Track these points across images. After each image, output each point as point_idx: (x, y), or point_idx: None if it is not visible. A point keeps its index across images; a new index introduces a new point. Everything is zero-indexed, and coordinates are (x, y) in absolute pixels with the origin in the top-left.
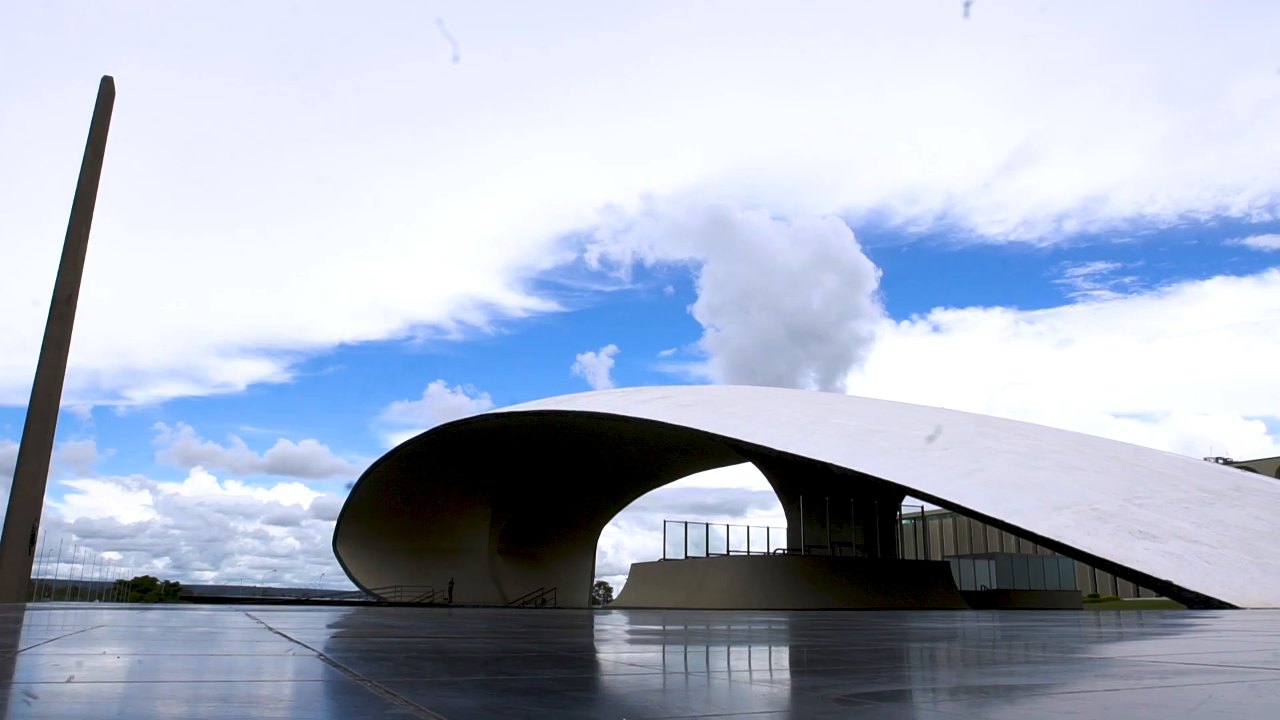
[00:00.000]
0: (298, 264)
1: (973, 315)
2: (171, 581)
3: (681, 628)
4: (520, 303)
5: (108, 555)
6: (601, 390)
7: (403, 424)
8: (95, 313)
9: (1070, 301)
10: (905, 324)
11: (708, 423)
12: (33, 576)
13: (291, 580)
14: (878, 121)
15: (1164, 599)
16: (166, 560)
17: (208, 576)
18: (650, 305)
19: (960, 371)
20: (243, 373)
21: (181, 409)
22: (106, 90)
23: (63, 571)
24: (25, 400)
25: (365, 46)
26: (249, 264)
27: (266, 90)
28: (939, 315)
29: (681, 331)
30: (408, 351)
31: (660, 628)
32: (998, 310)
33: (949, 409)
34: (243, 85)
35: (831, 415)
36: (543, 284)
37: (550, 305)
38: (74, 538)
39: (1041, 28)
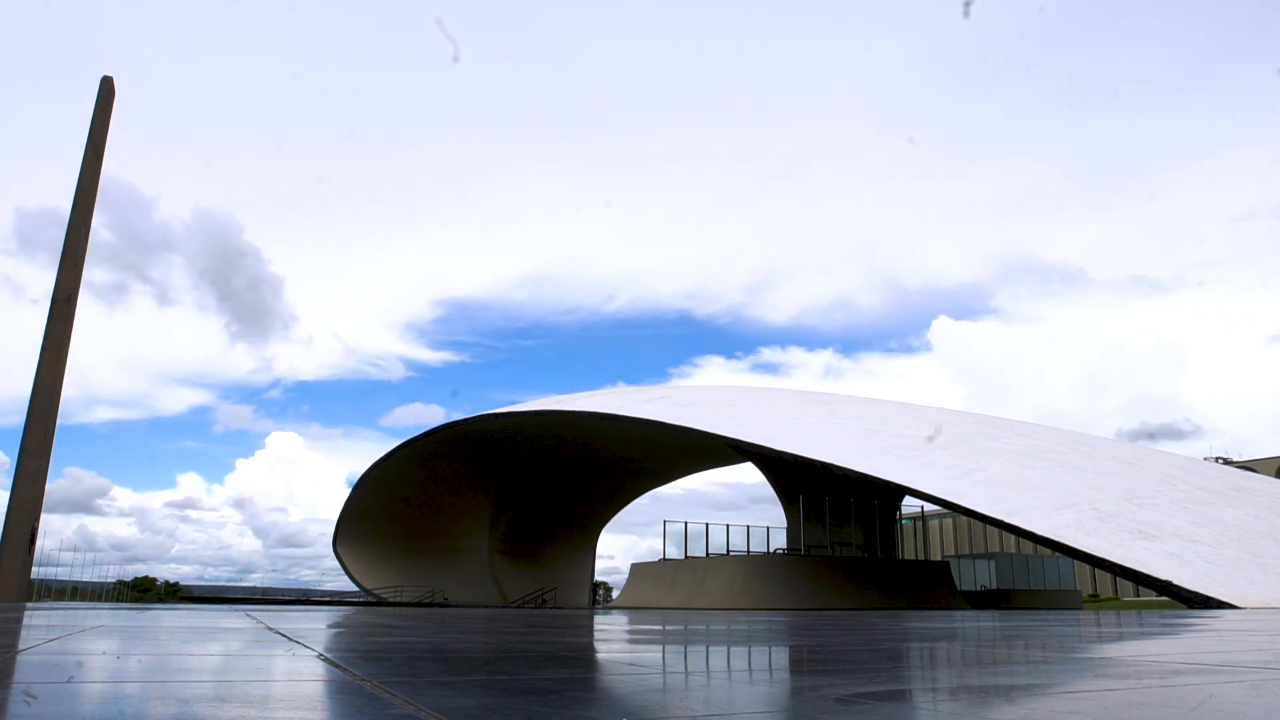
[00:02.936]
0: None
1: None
2: (171, 582)
3: (681, 628)
4: (435, 355)
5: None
6: (601, 390)
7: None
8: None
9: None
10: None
11: (708, 423)
12: (32, 577)
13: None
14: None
15: (1164, 599)
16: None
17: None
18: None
19: None
20: (184, 400)
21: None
22: (106, 90)
23: (62, 573)
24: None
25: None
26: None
27: (222, 151)
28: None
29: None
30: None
31: (660, 628)
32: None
33: (949, 409)
34: (203, 139)
35: (832, 415)
36: (450, 342)
37: (464, 356)
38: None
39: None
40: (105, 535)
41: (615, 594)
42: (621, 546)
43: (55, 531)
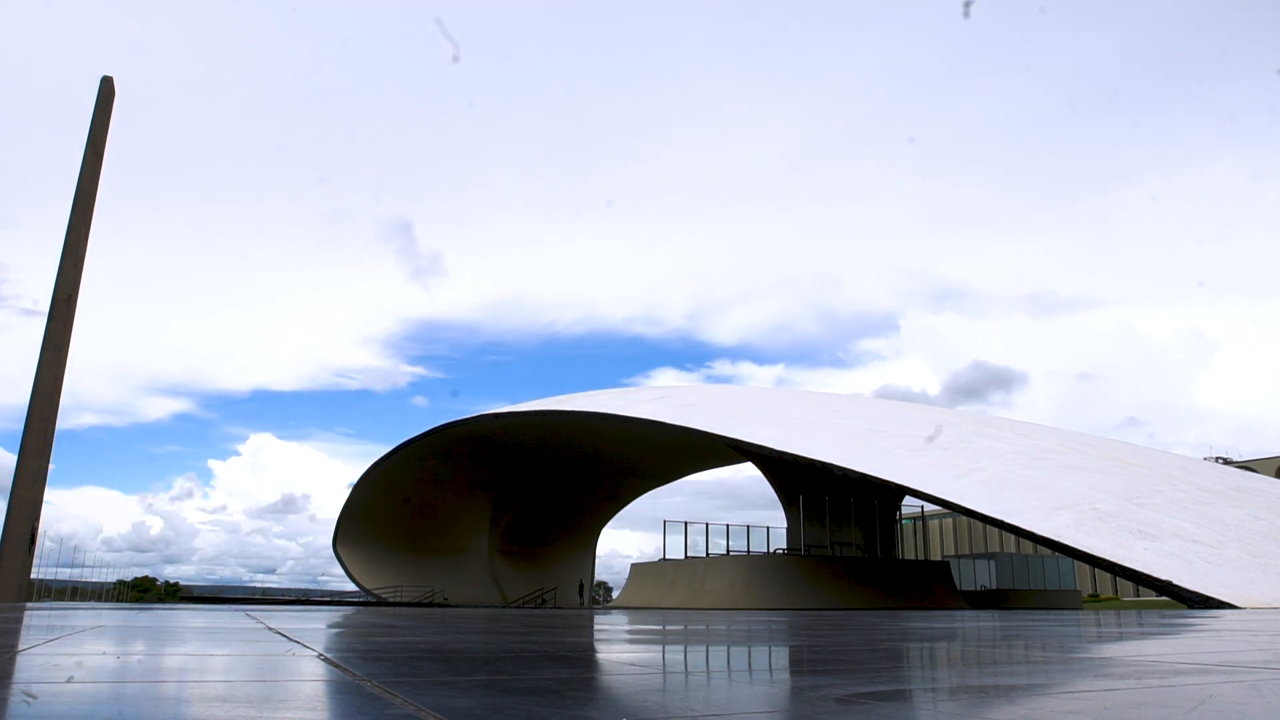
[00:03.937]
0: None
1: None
2: (171, 582)
3: (681, 628)
4: (404, 368)
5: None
6: (601, 390)
7: None
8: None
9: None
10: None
11: (708, 423)
12: (32, 577)
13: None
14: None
15: (1164, 599)
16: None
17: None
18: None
19: None
20: (165, 408)
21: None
22: (106, 90)
23: (62, 573)
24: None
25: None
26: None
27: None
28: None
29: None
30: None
31: (660, 628)
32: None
33: (949, 409)
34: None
35: (832, 416)
36: (421, 357)
37: (438, 372)
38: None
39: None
40: (122, 535)
41: (615, 594)
42: (646, 541)
43: (83, 534)
